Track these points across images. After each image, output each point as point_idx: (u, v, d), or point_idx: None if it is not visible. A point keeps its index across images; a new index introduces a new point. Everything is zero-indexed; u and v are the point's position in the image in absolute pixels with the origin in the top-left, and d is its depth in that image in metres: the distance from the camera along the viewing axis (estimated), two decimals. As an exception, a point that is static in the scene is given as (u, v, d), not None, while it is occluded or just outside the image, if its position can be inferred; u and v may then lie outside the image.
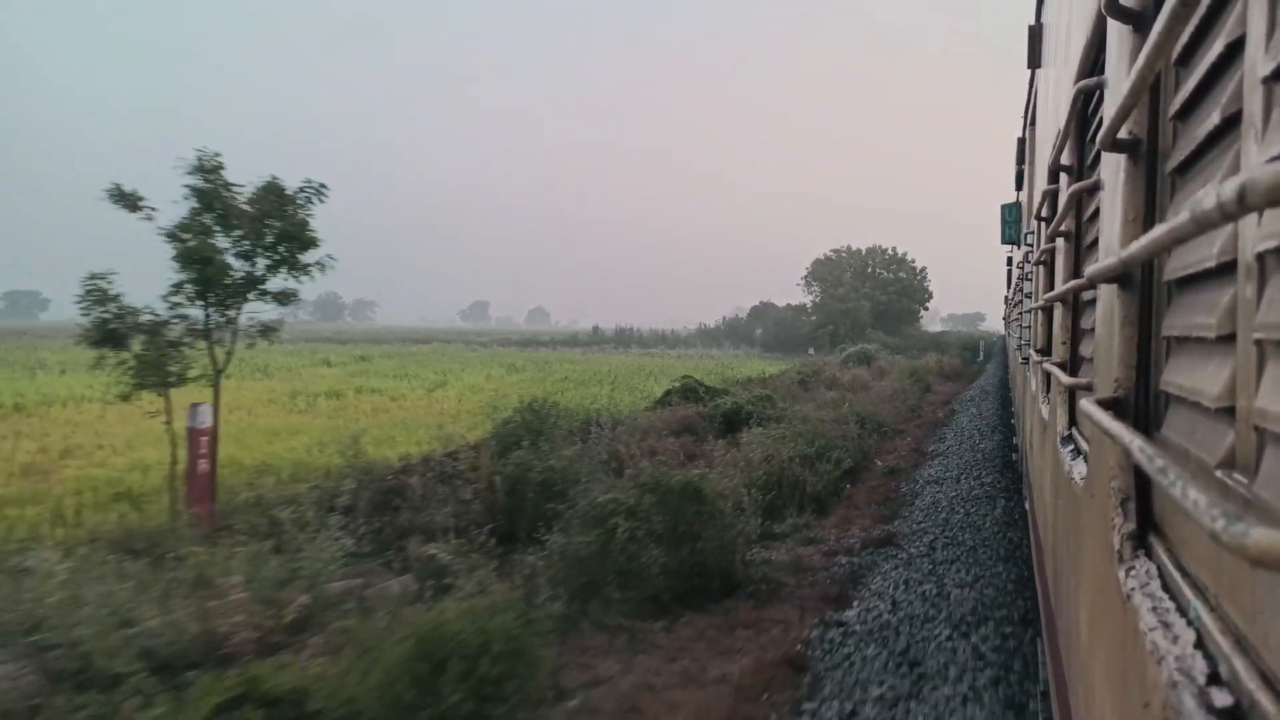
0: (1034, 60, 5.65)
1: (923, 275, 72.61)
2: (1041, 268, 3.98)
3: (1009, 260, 14.19)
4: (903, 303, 69.85)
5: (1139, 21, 1.40)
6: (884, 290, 68.76)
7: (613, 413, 16.42)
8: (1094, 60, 2.13)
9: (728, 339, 79.10)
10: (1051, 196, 3.20)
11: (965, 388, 29.51)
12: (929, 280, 73.36)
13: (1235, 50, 0.91)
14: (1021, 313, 5.91)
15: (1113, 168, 1.63)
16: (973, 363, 43.68)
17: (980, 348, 51.78)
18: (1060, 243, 2.90)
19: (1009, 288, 14.33)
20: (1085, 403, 1.31)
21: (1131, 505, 1.36)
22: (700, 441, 13.52)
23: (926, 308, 75.96)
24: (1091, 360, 2.07)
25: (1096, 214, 2.03)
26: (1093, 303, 2.09)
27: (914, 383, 26.64)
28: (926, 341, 55.44)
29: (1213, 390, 0.92)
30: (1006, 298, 16.15)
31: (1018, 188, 9.71)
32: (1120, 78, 1.51)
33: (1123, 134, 1.43)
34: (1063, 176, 2.83)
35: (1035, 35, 5.44)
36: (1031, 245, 4.94)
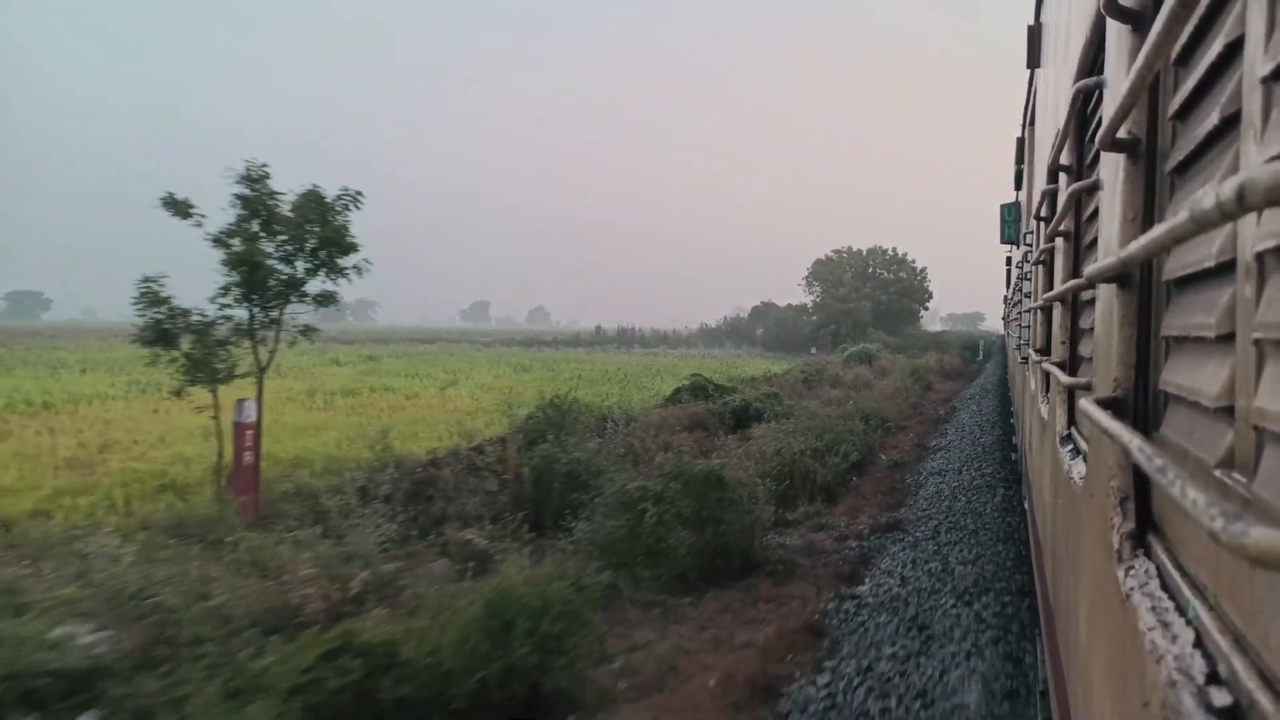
0: (1033, 60, 5.68)
1: (923, 275, 73.18)
2: (1041, 267, 3.97)
3: (1008, 260, 14.28)
4: (903, 303, 70.41)
5: (1138, 21, 1.40)
6: (884, 290, 69.34)
7: (625, 409, 16.96)
8: (1093, 60, 2.12)
9: (729, 339, 79.60)
10: (1051, 196, 3.19)
11: (965, 386, 30.07)
12: (929, 280, 73.99)
13: (1234, 50, 0.92)
14: (1021, 312, 6.08)
15: (1112, 167, 1.63)
16: (972, 362, 44.27)
17: (980, 347, 52.46)
18: (1059, 242, 2.90)
19: (1008, 287, 14.48)
20: (1084, 402, 1.31)
21: (1130, 505, 1.35)
22: (711, 436, 14.06)
23: (926, 308, 76.49)
24: (1091, 360, 2.08)
25: (1096, 214, 2.03)
26: (1092, 302, 2.08)
27: (915, 381, 27.19)
28: (927, 341, 56.02)
29: (1212, 390, 0.92)
30: (1006, 297, 16.21)
31: (1017, 187, 9.77)
32: (1119, 77, 1.52)
33: (1122, 134, 1.44)
34: (1062, 176, 2.83)
35: (1034, 35, 5.45)
36: (1031, 245, 4.99)
